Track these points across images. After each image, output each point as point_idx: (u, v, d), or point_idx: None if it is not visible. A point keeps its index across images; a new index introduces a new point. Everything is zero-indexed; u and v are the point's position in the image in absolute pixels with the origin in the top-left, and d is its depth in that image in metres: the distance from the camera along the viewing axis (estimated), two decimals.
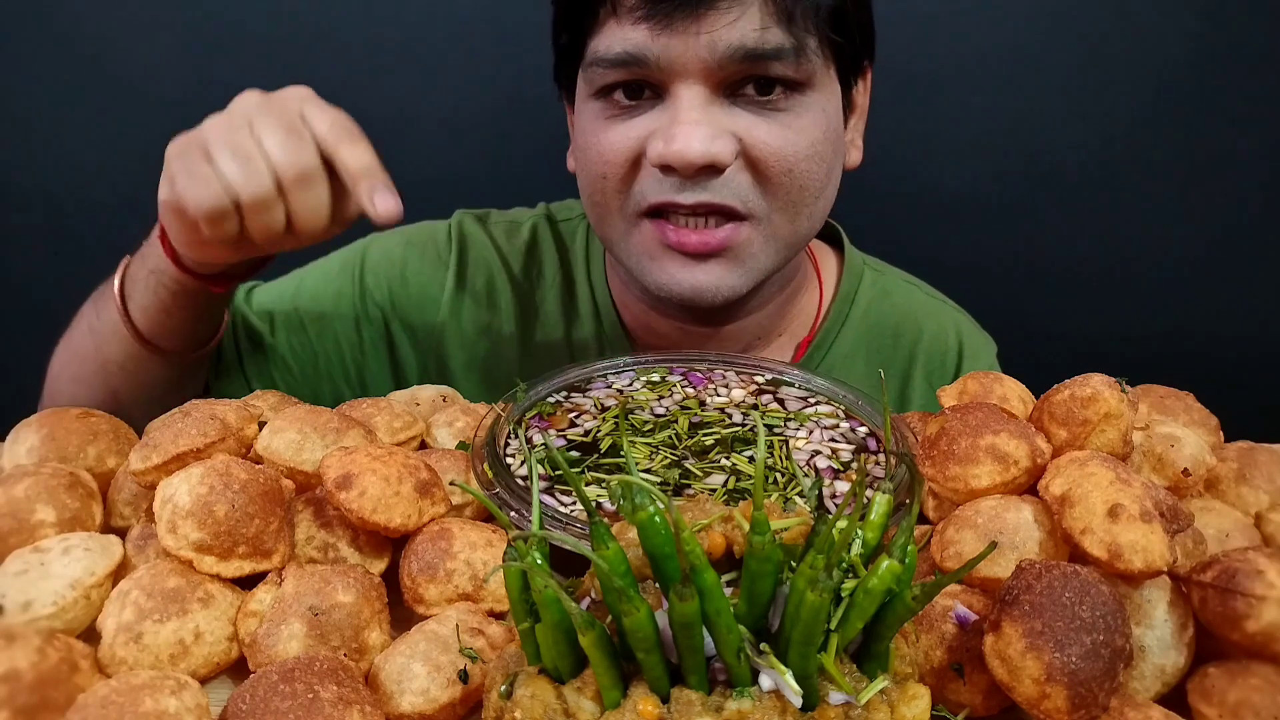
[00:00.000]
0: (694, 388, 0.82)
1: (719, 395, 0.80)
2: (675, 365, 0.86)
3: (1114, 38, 1.52)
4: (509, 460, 0.70)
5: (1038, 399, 0.69)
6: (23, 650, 0.48)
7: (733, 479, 0.68)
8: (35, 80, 1.57)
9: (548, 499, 0.65)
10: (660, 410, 0.78)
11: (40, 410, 0.74)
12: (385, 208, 0.70)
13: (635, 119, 0.88)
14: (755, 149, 0.86)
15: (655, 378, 0.84)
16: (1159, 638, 0.53)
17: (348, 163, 0.71)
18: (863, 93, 0.98)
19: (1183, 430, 0.68)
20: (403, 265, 1.09)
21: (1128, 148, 1.57)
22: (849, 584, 0.42)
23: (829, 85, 0.89)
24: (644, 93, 0.87)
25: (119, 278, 0.87)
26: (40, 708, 0.48)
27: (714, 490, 0.66)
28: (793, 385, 0.82)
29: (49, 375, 0.96)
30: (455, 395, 0.87)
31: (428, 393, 0.86)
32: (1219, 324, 1.65)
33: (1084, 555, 0.53)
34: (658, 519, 0.41)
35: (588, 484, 0.66)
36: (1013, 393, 0.74)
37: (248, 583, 0.59)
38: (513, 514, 0.63)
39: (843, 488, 0.67)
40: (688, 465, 0.70)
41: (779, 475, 0.68)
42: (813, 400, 0.80)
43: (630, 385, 0.82)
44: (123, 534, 0.64)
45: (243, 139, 0.70)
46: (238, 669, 0.56)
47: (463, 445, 0.76)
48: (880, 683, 0.43)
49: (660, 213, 0.89)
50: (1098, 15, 1.51)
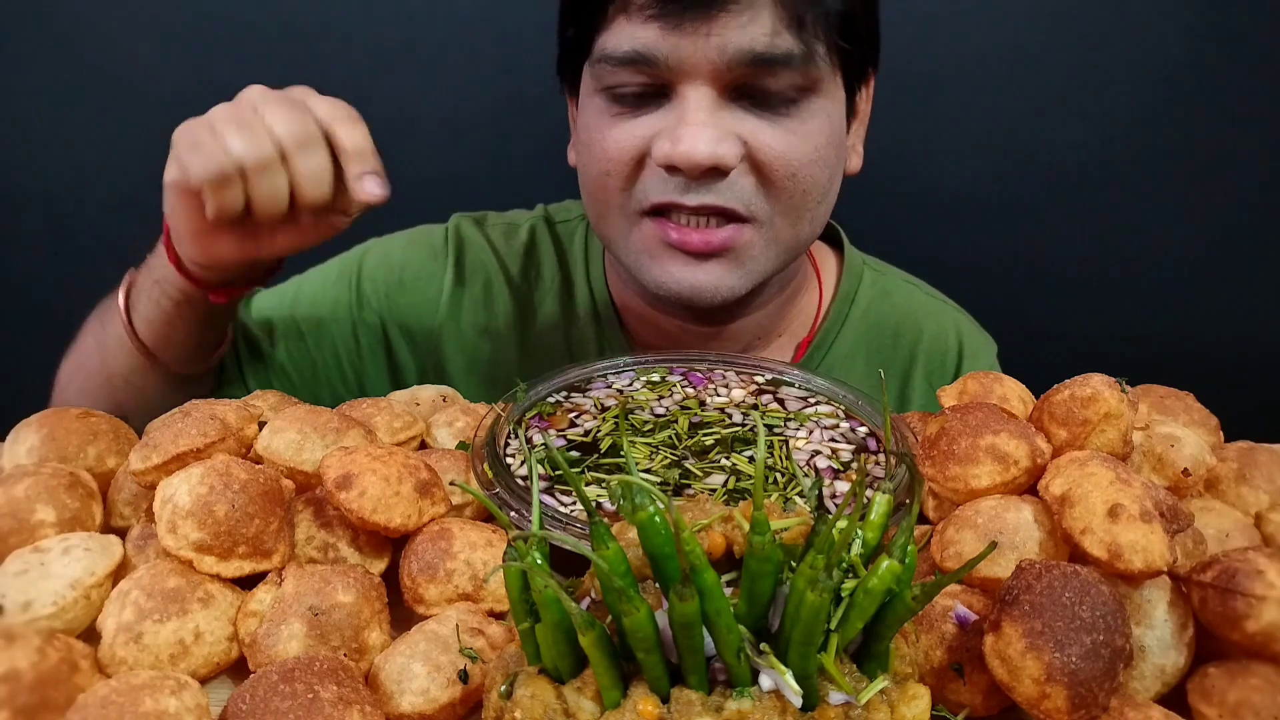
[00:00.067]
0: (694, 388, 0.82)
1: (719, 395, 0.80)
2: (675, 365, 0.86)
3: (1114, 38, 1.52)
4: (509, 460, 0.70)
5: (1038, 399, 0.69)
6: (23, 650, 0.48)
7: (733, 479, 0.68)
8: (35, 80, 1.57)
9: (548, 499, 0.65)
10: (660, 410, 0.78)
11: None
12: (370, 190, 0.74)
13: (641, 118, 0.87)
14: (760, 153, 0.86)
15: (655, 378, 0.84)
16: (1159, 638, 0.53)
17: (343, 140, 0.74)
18: (865, 99, 0.98)
19: (1183, 430, 0.68)
20: (400, 270, 1.09)
21: (1128, 148, 1.57)
22: (849, 584, 0.42)
23: (834, 91, 0.89)
24: (650, 91, 0.87)
25: (124, 290, 0.88)
26: (40, 708, 0.48)
27: (714, 490, 0.66)
28: (793, 385, 0.82)
29: (55, 389, 0.97)
30: (455, 395, 0.87)
31: (428, 393, 0.86)
32: (1219, 324, 1.65)
33: (1084, 555, 0.53)
34: (658, 519, 0.41)
35: (588, 484, 0.66)
36: (1013, 393, 0.74)
37: (248, 583, 0.59)
38: (513, 514, 0.63)
39: (843, 488, 0.67)
40: (688, 465, 0.70)
41: (779, 475, 0.68)
42: (813, 400, 0.80)
43: (630, 385, 0.82)
44: (123, 534, 0.64)
45: (246, 114, 0.73)
46: (238, 669, 0.56)
47: (463, 445, 0.76)
48: (880, 683, 0.43)
49: (662, 211, 0.89)
50: (1098, 15, 1.51)
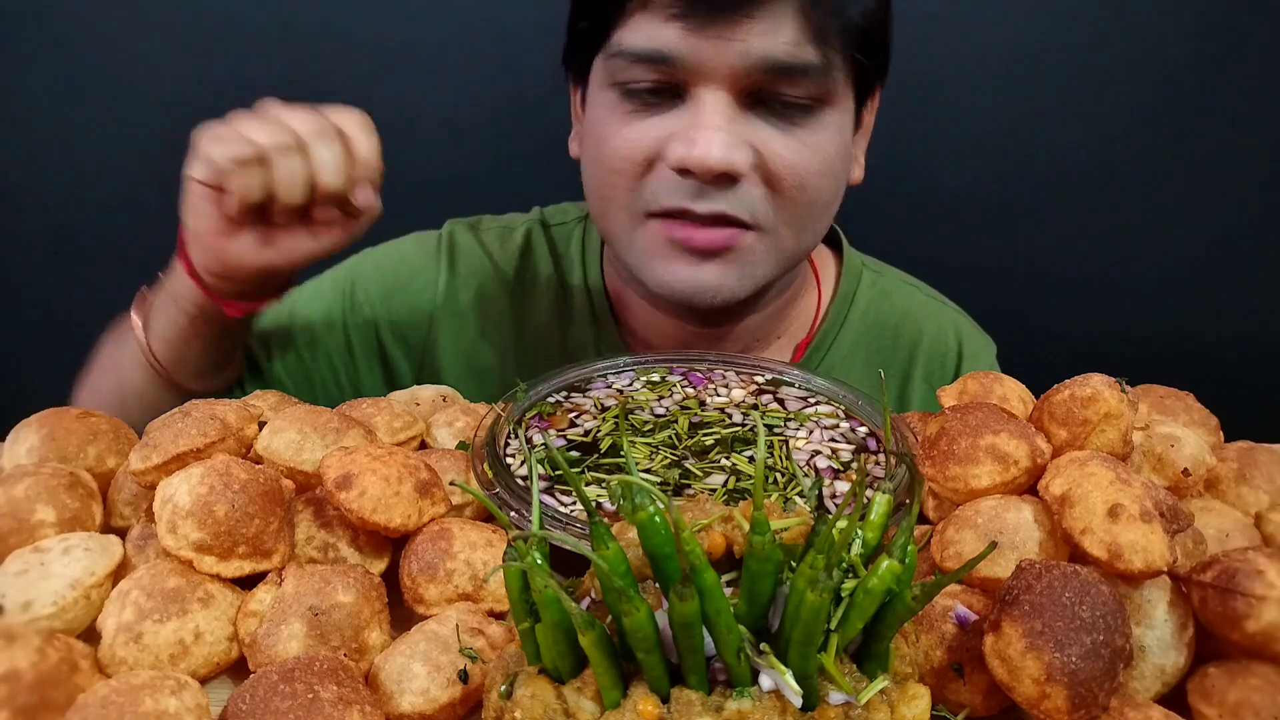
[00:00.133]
0: (694, 388, 0.82)
1: (719, 395, 0.80)
2: (675, 365, 0.86)
3: (1114, 38, 1.52)
4: (509, 460, 0.70)
5: (1038, 399, 0.69)
6: (23, 650, 0.48)
7: (733, 479, 0.68)
8: (35, 80, 1.57)
9: (548, 499, 0.65)
10: (660, 410, 0.78)
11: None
12: (363, 197, 0.81)
13: (654, 117, 0.87)
14: (771, 162, 0.86)
15: (655, 378, 0.84)
16: (1159, 638, 0.53)
17: (355, 143, 0.79)
18: (870, 111, 0.98)
19: (1183, 430, 0.68)
20: (393, 278, 1.09)
21: (1128, 148, 1.57)
22: (849, 584, 0.42)
23: (845, 103, 0.90)
24: (664, 91, 0.86)
25: (139, 307, 0.91)
26: (40, 708, 0.48)
27: (714, 490, 0.66)
28: (793, 385, 0.82)
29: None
30: (455, 395, 0.87)
31: (428, 393, 0.86)
32: (1219, 324, 1.65)
33: (1084, 555, 0.53)
34: (658, 519, 0.41)
35: (588, 484, 0.66)
36: (1013, 393, 0.74)
37: (248, 583, 0.59)
38: (513, 514, 0.63)
39: (843, 488, 0.67)
40: (688, 465, 0.70)
41: (779, 475, 0.68)
42: (813, 400, 0.80)
43: (630, 385, 0.82)
44: (123, 534, 0.64)
45: (265, 113, 0.79)
46: (238, 669, 0.56)
47: (463, 445, 0.76)
48: (880, 683, 0.43)
49: (670, 215, 0.89)
50: (1098, 15, 1.51)
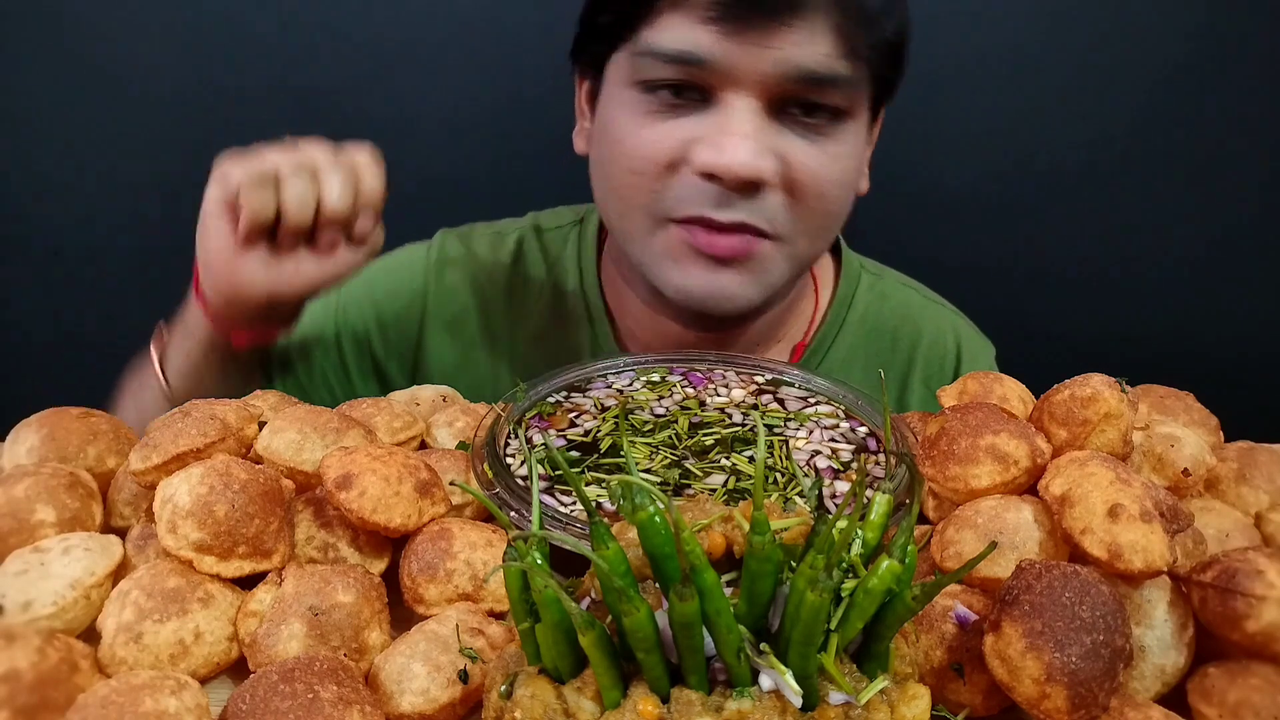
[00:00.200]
0: (694, 388, 0.82)
1: (719, 395, 0.80)
2: (675, 365, 0.86)
3: (1114, 38, 1.52)
4: (509, 460, 0.70)
5: (1038, 399, 0.69)
6: (23, 650, 0.48)
7: (733, 479, 0.68)
8: (35, 80, 1.57)
9: (548, 499, 0.65)
10: (660, 410, 0.78)
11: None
12: (364, 225, 0.84)
13: (677, 119, 0.86)
14: (795, 171, 0.85)
15: (655, 378, 0.84)
16: (1159, 638, 0.53)
17: (361, 174, 0.82)
18: (878, 125, 0.99)
19: (1183, 430, 0.68)
20: (384, 290, 1.10)
21: (1128, 148, 1.57)
22: (849, 584, 0.42)
23: (864, 115, 0.90)
24: (689, 93, 0.85)
25: (156, 344, 0.93)
26: (40, 708, 0.48)
27: (714, 490, 0.66)
28: (793, 385, 0.82)
29: None
30: (455, 395, 0.87)
31: (428, 393, 0.86)
32: (1219, 324, 1.65)
33: (1084, 555, 0.53)
34: (658, 519, 0.41)
35: (588, 484, 0.66)
36: (1013, 393, 0.74)
37: (248, 583, 0.59)
38: (513, 514, 0.63)
39: (843, 488, 0.67)
40: (688, 465, 0.70)
41: (779, 475, 0.68)
42: (813, 400, 0.80)
43: (630, 385, 0.82)
44: (123, 534, 0.64)
45: (283, 143, 0.83)
46: (238, 669, 0.56)
47: (463, 445, 0.76)
48: (880, 683, 0.43)
49: (690, 220, 0.88)
50: (1098, 15, 1.51)
